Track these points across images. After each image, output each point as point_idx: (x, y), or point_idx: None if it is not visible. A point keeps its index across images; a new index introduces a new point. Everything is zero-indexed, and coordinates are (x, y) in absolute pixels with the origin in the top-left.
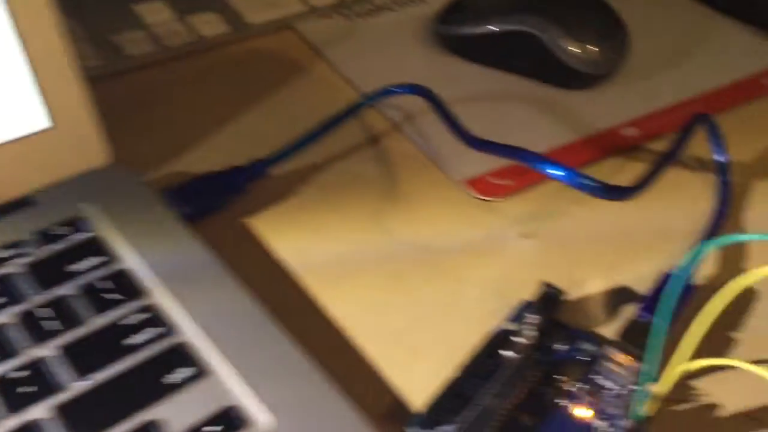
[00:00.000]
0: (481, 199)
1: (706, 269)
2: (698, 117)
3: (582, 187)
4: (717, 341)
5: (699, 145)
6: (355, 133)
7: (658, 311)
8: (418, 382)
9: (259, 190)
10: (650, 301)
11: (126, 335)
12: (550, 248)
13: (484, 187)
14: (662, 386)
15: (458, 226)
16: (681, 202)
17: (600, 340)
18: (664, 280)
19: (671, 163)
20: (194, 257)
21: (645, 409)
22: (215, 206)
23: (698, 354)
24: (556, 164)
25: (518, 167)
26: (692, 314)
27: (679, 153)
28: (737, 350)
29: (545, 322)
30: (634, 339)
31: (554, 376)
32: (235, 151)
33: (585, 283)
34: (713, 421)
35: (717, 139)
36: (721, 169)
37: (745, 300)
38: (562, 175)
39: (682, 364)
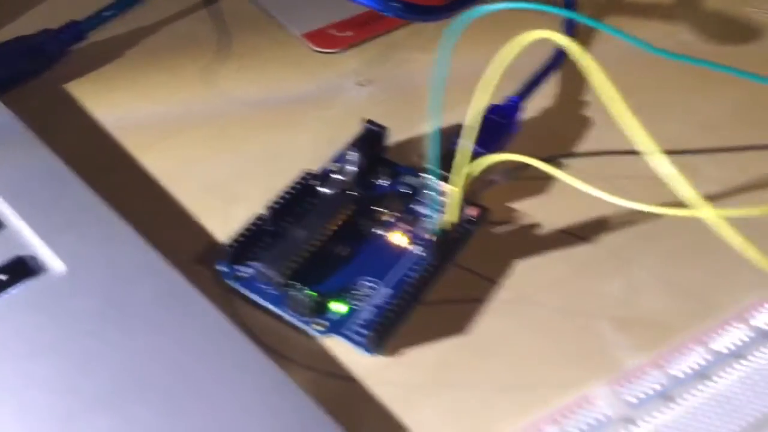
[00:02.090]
0: (319, 52)
1: None
2: None
3: (385, 9)
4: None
5: None
6: None
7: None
8: (235, 226)
9: (80, 55)
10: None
11: None
12: (387, 94)
13: (322, 39)
14: (453, 194)
15: (293, 79)
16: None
17: (421, 172)
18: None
19: None
20: None
21: (444, 221)
22: (28, 72)
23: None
24: None
25: (359, 18)
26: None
27: None
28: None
29: (367, 159)
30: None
31: (373, 208)
32: (54, 17)
33: (420, 124)
34: (533, 239)
35: None
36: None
37: None
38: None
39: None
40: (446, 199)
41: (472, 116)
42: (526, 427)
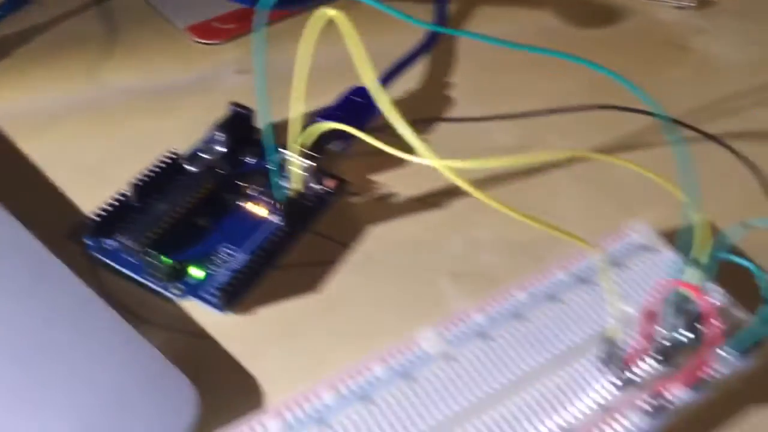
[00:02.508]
0: (202, 44)
1: None
2: None
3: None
4: None
5: None
6: None
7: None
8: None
9: None
10: (329, 110)
11: None
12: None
13: (205, 31)
14: (293, 164)
15: (174, 69)
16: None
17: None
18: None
19: None
20: None
21: (291, 189)
22: None
23: None
24: None
25: (241, 12)
26: None
27: None
28: None
29: (234, 139)
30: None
31: (239, 184)
32: None
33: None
34: (387, 207)
35: None
36: None
37: None
38: None
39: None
40: (293, 169)
41: (296, 90)
42: (354, 365)
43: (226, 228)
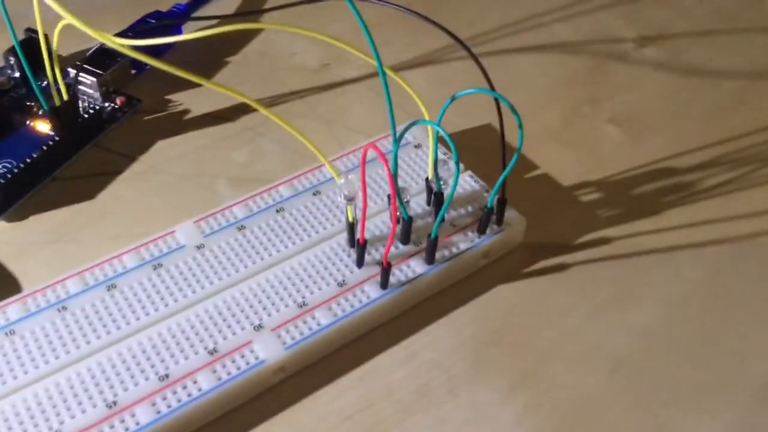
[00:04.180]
0: None
1: None
2: None
3: None
4: None
5: None
6: None
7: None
8: None
9: None
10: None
11: None
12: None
13: None
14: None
15: None
16: None
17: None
18: None
19: None
20: None
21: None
22: None
23: None
24: None
25: None
26: None
27: None
28: None
29: (28, 64)
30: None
31: (29, 104)
32: None
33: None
34: (179, 123)
35: None
36: None
37: None
38: None
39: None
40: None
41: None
42: (108, 257)
43: (10, 145)
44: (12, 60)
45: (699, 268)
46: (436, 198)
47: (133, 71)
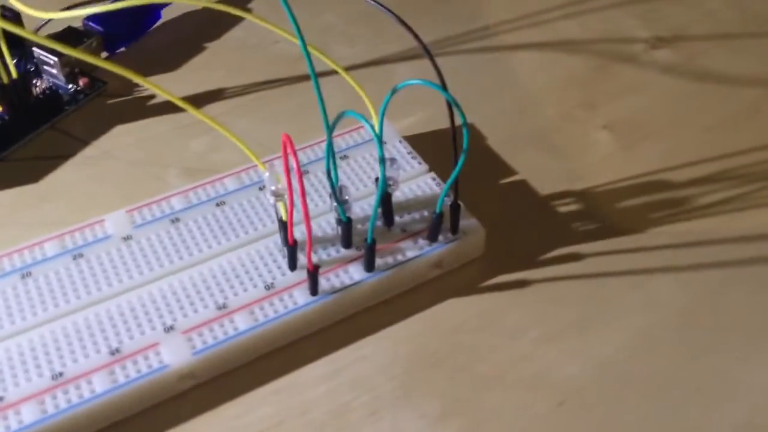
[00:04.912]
0: None
1: None
2: None
3: None
4: None
5: None
6: None
7: None
8: None
9: None
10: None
11: None
12: None
13: None
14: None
15: None
16: None
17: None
18: None
19: None
20: None
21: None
22: None
23: None
24: None
25: None
26: None
27: None
28: None
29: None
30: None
31: None
32: None
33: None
34: (142, 108)
35: None
36: None
37: None
38: None
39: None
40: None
41: None
42: (28, 244)
43: None
44: None
45: (676, 296)
46: (382, 199)
47: (104, 53)
